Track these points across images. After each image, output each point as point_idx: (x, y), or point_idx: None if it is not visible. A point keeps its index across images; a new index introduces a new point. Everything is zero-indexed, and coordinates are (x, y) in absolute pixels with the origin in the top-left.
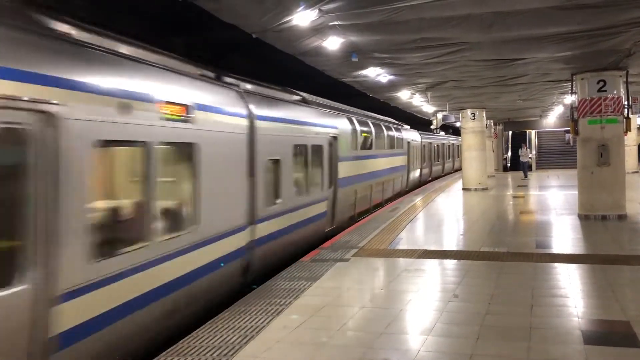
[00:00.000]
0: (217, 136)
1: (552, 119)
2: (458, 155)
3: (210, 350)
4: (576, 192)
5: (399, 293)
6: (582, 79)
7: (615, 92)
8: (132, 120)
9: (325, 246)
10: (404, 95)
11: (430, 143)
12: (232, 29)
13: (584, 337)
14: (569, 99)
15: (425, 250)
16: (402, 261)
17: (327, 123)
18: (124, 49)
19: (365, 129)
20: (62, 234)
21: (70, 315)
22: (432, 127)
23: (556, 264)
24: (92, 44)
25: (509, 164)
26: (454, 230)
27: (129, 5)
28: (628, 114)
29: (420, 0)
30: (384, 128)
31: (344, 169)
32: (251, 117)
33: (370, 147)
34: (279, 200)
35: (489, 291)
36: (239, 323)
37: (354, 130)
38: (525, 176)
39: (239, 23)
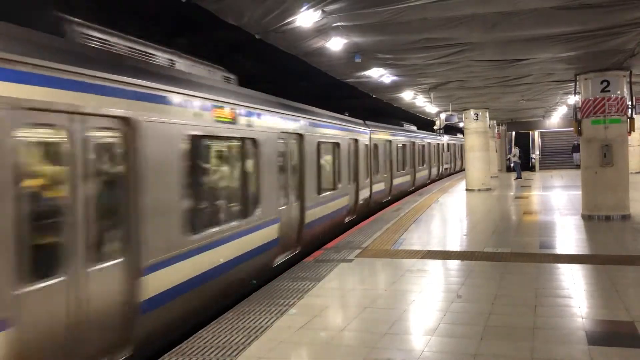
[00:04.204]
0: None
1: (556, 119)
2: None
3: (214, 351)
4: (580, 193)
5: (403, 293)
6: (585, 79)
7: (618, 92)
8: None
9: (328, 246)
10: (407, 96)
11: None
12: (234, 30)
13: (588, 337)
14: (573, 99)
15: (429, 251)
16: (405, 262)
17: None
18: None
19: (434, 140)
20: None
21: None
22: (435, 127)
23: (560, 265)
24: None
25: (512, 165)
26: (458, 230)
27: (131, 6)
28: (631, 114)
29: (423, 1)
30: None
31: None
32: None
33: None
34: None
35: (492, 291)
36: (243, 323)
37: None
38: (519, 177)
39: (241, 24)
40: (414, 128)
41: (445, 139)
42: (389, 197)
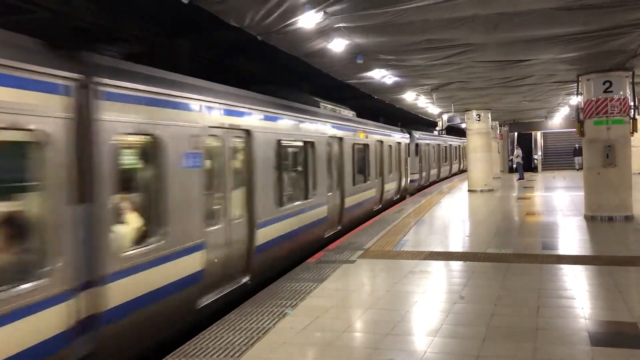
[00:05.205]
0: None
1: (558, 120)
2: None
3: (216, 352)
4: (582, 193)
5: (405, 294)
6: (587, 79)
7: (621, 92)
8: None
9: (331, 248)
10: (409, 97)
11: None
12: (237, 31)
13: (591, 338)
14: (575, 100)
15: (431, 252)
16: (408, 262)
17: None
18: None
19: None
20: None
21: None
22: (437, 128)
23: (562, 265)
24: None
25: (514, 165)
26: (460, 231)
27: (133, 7)
28: (634, 114)
29: (425, 2)
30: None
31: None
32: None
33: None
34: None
35: (495, 292)
36: (245, 324)
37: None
38: (521, 177)
39: (243, 25)
40: (350, 114)
41: (411, 137)
42: (246, 278)
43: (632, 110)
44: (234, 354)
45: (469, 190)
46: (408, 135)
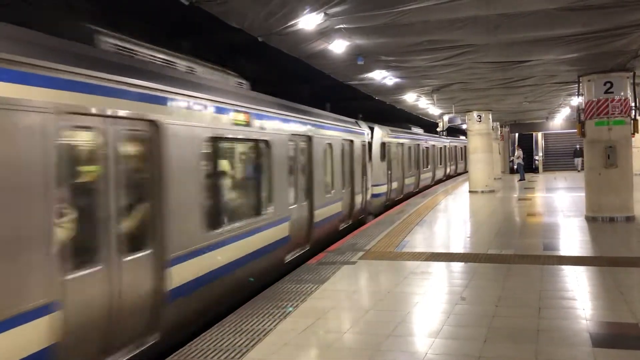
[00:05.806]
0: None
1: (559, 120)
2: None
3: (217, 353)
4: (583, 194)
5: (406, 295)
6: (588, 80)
7: (622, 93)
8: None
9: (331, 249)
10: (410, 98)
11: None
12: (237, 32)
13: (592, 339)
14: (576, 100)
15: (432, 253)
16: (409, 264)
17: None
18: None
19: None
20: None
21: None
22: (438, 129)
23: (564, 266)
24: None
25: (515, 166)
26: (461, 232)
27: (134, 8)
28: (635, 115)
29: (426, 3)
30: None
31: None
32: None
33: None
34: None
35: (496, 293)
36: (246, 326)
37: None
38: (522, 178)
39: (244, 26)
40: (231, 83)
41: (374, 134)
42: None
43: (633, 111)
44: (235, 355)
45: (470, 191)
46: (369, 131)
